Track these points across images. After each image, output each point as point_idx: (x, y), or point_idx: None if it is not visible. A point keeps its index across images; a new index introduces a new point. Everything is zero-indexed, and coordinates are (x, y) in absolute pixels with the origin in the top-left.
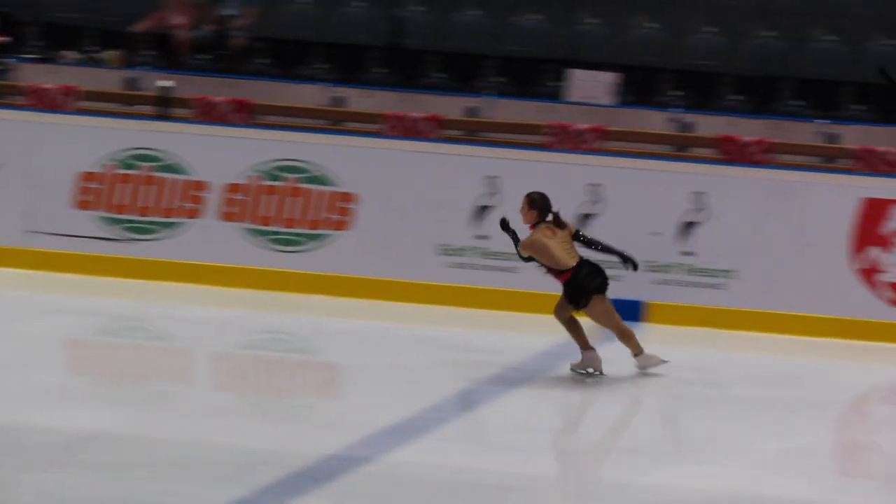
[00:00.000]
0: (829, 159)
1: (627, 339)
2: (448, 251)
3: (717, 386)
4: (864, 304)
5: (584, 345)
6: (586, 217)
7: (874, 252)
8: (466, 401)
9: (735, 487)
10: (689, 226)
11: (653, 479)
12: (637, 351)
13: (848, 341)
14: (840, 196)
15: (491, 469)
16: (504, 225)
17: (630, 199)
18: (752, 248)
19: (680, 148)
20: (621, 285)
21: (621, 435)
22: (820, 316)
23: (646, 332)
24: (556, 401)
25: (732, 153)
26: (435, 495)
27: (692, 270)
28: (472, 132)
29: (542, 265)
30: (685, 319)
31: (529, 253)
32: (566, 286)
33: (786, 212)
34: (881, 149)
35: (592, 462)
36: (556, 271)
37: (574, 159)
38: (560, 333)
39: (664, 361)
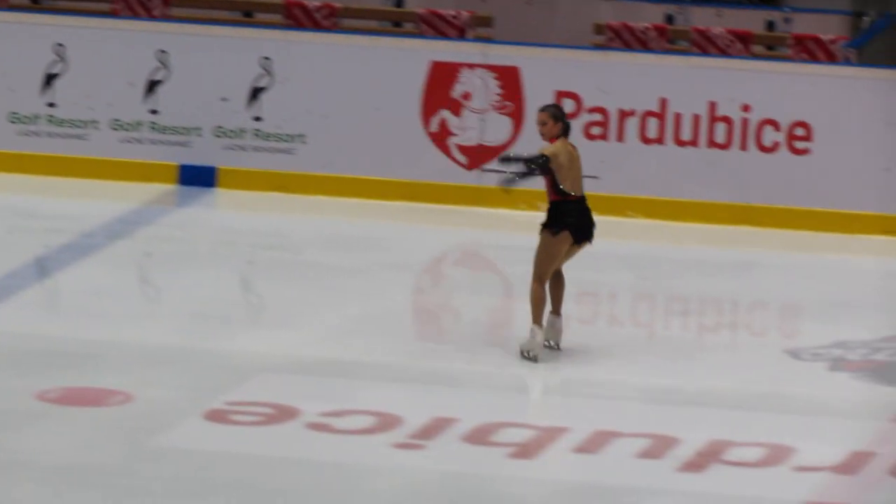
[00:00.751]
0: (396, 23)
1: (534, 304)
2: (18, 119)
3: (291, 250)
4: (437, 168)
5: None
6: (154, 84)
7: (445, 115)
8: (42, 267)
9: (314, 351)
10: (257, 91)
11: (233, 344)
12: (536, 322)
13: (421, 204)
14: (408, 60)
15: (68, 336)
16: (507, 159)
17: (198, 65)
18: (320, 112)
19: (246, 14)
20: (191, 151)
21: (199, 300)
22: (392, 179)
23: (218, 198)
24: (132, 266)
25: (298, 18)
26: (12, 361)
27: (261, 135)
28: (37, 0)
29: (547, 174)
30: (256, 184)
31: (556, 160)
32: (552, 206)
33: (354, 76)
34: (447, 12)
35: (170, 328)
36: (555, 188)
37: (141, 26)
38: (131, 200)
39: (533, 359)
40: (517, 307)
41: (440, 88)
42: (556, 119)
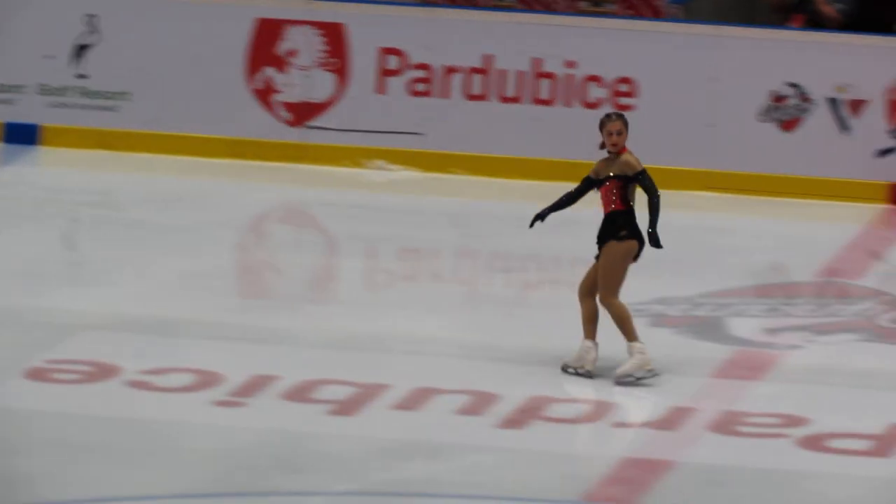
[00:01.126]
0: None
1: (623, 321)
2: None
3: (116, 208)
4: (260, 125)
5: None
6: None
7: (269, 72)
8: None
9: (136, 309)
10: (81, 48)
11: (54, 301)
12: (633, 339)
13: (245, 161)
14: (233, 17)
15: None
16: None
17: (22, 22)
18: (145, 70)
19: None
20: (15, 108)
21: (22, 258)
22: (216, 136)
23: (42, 156)
24: None
25: None
26: None
27: (86, 93)
28: None
29: (617, 180)
30: (80, 142)
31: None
32: (613, 215)
33: (179, 33)
34: None
35: None
36: (623, 198)
37: None
38: None
39: (651, 375)
40: (339, 264)
41: (265, 45)
42: (627, 126)
